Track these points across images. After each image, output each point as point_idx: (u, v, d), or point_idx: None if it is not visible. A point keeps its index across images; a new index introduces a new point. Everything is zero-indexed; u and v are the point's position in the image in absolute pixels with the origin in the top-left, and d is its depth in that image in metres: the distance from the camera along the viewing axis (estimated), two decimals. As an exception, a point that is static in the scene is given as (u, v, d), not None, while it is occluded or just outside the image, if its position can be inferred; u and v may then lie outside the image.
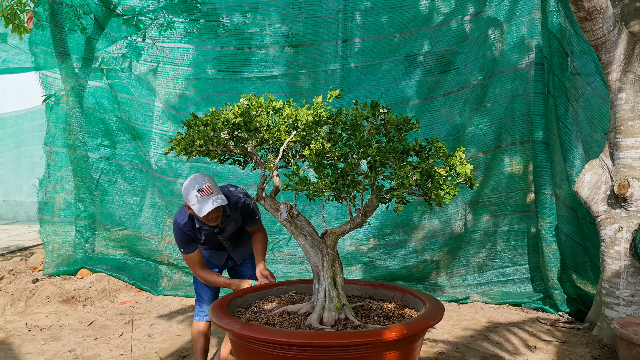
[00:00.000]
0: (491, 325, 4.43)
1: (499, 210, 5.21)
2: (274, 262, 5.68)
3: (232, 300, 2.59)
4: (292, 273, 5.66)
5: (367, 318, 2.35)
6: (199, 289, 3.33)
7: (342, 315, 2.29)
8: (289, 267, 5.69)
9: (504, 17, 4.96)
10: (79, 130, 5.61)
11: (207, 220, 2.89)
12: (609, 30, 3.67)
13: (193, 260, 3.06)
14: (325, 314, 2.29)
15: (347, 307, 2.32)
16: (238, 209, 3.09)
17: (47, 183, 5.63)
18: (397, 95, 5.42)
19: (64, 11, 5.39)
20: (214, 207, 2.77)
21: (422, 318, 2.16)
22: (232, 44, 5.67)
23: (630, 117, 3.71)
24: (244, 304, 2.66)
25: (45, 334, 4.24)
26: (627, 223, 3.74)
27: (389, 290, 2.70)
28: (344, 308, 2.30)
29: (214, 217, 2.89)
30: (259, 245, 3.25)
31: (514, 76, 4.95)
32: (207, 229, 3.03)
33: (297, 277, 5.60)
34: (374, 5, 5.38)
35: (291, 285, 2.93)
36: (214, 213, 2.86)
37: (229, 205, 3.03)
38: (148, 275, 5.63)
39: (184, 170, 5.61)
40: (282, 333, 2.07)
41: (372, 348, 1.99)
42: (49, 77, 5.47)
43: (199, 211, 2.78)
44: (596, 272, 4.59)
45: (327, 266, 2.35)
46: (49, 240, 5.68)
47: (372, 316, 2.38)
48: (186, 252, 3.04)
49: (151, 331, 4.35)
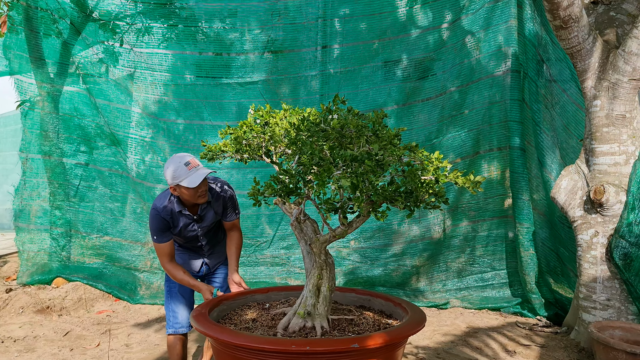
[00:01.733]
0: (471, 330, 4.45)
1: (478, 215, 5.27)
2: (256, 265, 5.69)
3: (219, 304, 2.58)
4: (274, 275, 5.67)
5: (343, 331, 2.30)
6: (173, 301, 3.23)
7: (309, 323, 2.28)
8: (271, 270, 5.71)
9: (481, 25, 5.04)
10: (56, 136, 5.51)
11: (196, 196, 2.86)
12: (584, 39, 3.74)
13: (163, 251, 2.97)
14: (292, 320, 2.30)
15: (319, 316, 2.29)
16: (221, 197, 3.07)
17: (23, 190, 5.52)
18: (376, 100, 5.46)
19: (38, 15, 5.30)
20: (205, 175, 2.78)
21: (365, 337, 2.10)
22: (211, 49, 5.65)
23: (605, 124, 3.78)
24: (234, 307, 2.66)
25: (19, 345, 4.14)
26: (603, 228, 3.80)
27: (382, 300, 2.68)
28: (310, 316, 2.29)
29: (204, 192, 2.88)
30: (233, 249, 3.16)
31: (491, 83, 5.02)
32: (187, 214, 2.98)
33: (279, 279, 5.63)
34: (353, 12, 5.43)
35: (291, 291, 2.90)
36: (204, 186, 2.86)
37: (214, 191, 3.03)
38: (126, 284, 5.54)
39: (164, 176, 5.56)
40: (246, 337, 2.06)
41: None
42: (23, 82, 5.37)
43: (190, 183, 2.75)
44: (567, 275, 4.66)
45: (313, 273, 2.34)
46: (24, 249, 5.55)
47: (347, 329, 2.33)
48: (158, 241, 2.95)
49: (129, 341, 4.28)
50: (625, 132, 3.75)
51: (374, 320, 2.44)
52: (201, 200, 2.91)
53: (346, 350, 1.95)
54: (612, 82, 3.71)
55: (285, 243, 5.77)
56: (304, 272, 5.66)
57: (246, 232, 5.31)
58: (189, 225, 3.03)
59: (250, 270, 5.67)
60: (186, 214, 2.98)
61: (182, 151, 3.65)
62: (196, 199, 2.89)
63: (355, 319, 2.42)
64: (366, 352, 1.99)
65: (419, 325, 2.19)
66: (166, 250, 2.98)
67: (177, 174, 2.78)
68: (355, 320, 2.40)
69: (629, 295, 3.73)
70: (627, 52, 3.63)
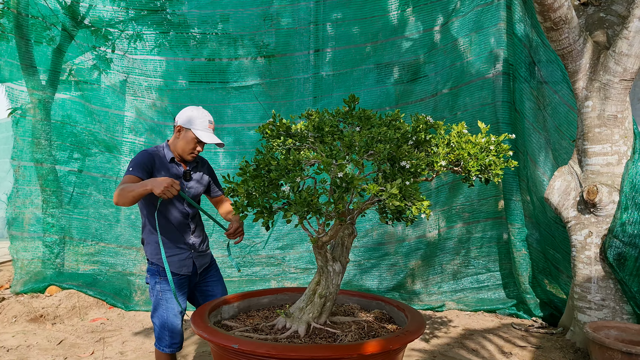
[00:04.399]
0: (467, 332, 4.45)
1: (472, 217, 5.28)
2: (252, 265, 5.73)
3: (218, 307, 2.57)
4: (270, 275, 5.69)
5: (312, 340, 2.25)
6: (168, 315, 2.94)
7: (288, 324, 2.28)
8: (266, 270, 5.75)
9: (471, 28, 5.06)
10: (48, 143, 5.49)
11: (190, 150, 2.91)
12: (575, 40, 3.76)
13: (128, 179, 2.75)
14: (280, 319, 2.32)
15: (298, 320, 2.28)
16: (206, 163, 3.17)
17: (16, 198, 5.49)
18: (369, 102, 5.47)
19: (29, 23, 5.29)
20: (218, 141, 2.89)
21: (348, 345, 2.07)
22: (203, 55, 5.66)
23: (597, 125, 3.79)
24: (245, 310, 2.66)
25: (12, 354, 4.11)
26: (597, 228, 3.81)
27: (392, 307, 2.65)
28: (290, 318, 2.29)
29: (197, 152, 2.95)
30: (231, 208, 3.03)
31: (481, 85, 5.04)
32: (176, 167, 2.96)
33: (274, 279, 5.64)
34: (345, 16, 5.45)
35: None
36: (201, 148, 2.94)
37: (199, 157, 3.12)
38: (120, 290, 5.51)
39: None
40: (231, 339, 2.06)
41: None
42: (15, 90, 5.35)
43: (203, 136, 2.83)
44: (561, 276, 4.67)
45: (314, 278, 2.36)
46: (18, 257, 5.52)
47: (318, 340, 2.27)
48: (132, 173, 2.77)
49: (123, 348, 4.25)
50: (617, 132, 3.76)
51: (368, 328, 2.37)
52: (190, 158, 2.95)
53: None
54: (604, 82, 3.72)
55: (280, 243, 5.78)
56: (299, 272, 5.68)
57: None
58: (177, 178, 2.95)
59: (245, 271, 5.70)
60: (178, 162, 2.98)
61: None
62: (188, 153, 2.93)
63: (339, 332, 2.29)
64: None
65: (413, 335, 2.14)
66: (131, 179, 2.77)
67: (194, 121, 2.85)
68: (337, 335, 2.28)
69: (624, 295, 3.73)
70: (618, 53, 3.65)
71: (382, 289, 5.42)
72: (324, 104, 5.52)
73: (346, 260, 2.40)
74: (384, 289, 5.42)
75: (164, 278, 2.93)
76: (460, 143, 2.28)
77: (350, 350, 1.95)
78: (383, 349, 1.97)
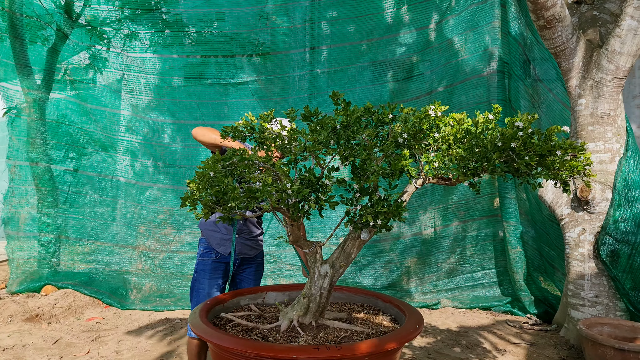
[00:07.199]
0: (462, 329, 4.46)
1: (467, 215, 5.29)
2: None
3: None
4: (265, 273, 5.68)
5: (295, 338, 2.25)
6: (209, 291, 3.03)
7: (279, 320, 2.30)
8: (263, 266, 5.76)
9: (466, 26, 5.07)
10: (43, 143, 5.49)
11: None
12: (568, 38, 3.77)
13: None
14: (282, 323, 2.33)
15: (285, 316, 2.31)
16: None
17: (12, 197, 5.49)
18: (364, 99, 5.48)
19: (24, 23, 5.28)
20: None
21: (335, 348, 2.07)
22: (199, 52, 5.67)
23: (590, 122, 3.81)
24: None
25: (8, 354, 4.11)
26: (590, 225, 3.82)
27: (383, 302, 2.66)
28: (283, 314, 2.31)
29: None
30: None
31: (476, 83, 5.06)
32: None
33: (270, 277, 5.66)
34: (340, 14, 5.46)
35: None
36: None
37: None
38: (116, 289, 5.52)
39: (160, 175, 5.61)
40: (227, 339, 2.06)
41: None
42: (9, 90, 5.34)
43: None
44: (555, 273, 4.69)
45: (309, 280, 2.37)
46: (14, 256, 5.53)
47: (295, 340, 2.29)
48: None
49: (119, 348, 4.25)
50: (610, 130, 3.78)
51: (364, 326, 2.37)
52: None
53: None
54: (596, 80, 3.74)
55: (276, 241, 5.78)
56: (294, 269, 5.69)
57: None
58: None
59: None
60: None
61: (177, 150, 3.59)
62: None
63: (321, 334, 2.31)
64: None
65: (408, 336, 2.13)
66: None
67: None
68: (312, 337, 2.30)
69: (617, 292, 3.75)
70: (611, 51, 3.66)
71: (378, 287, 5.43)
72: (319, 101, 5.54)
73: (342, 263, 2.37)
74: (380, 287, 5.43)
75: (204, 259, 3.05)
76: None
77: (350, 351, 1.96)
78: (378, 349, 1.98)
